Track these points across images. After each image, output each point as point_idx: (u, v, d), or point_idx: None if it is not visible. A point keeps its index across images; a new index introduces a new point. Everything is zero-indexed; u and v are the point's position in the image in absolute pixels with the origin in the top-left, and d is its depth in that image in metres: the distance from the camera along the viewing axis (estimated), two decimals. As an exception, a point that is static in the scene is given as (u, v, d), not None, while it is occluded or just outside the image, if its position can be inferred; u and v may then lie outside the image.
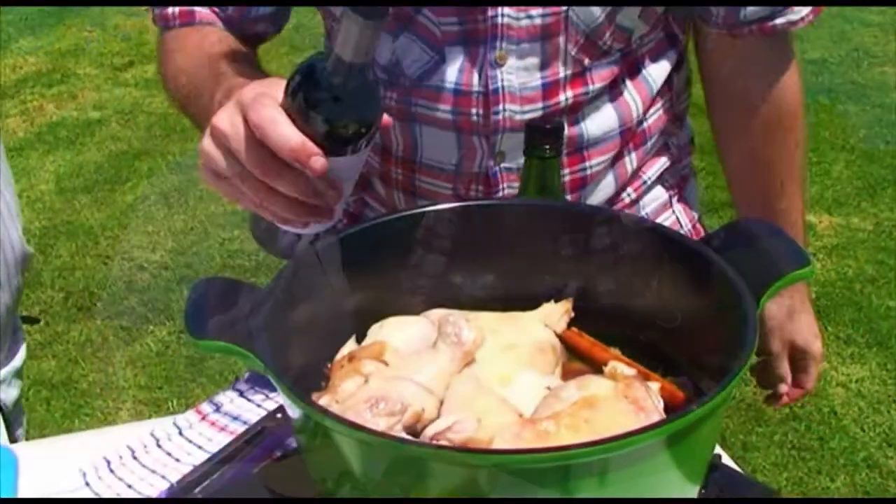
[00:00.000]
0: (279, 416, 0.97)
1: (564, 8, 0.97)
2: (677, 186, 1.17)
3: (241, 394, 1.05)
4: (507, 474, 0.62)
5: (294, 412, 0.70)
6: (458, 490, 0.63)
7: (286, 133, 0.71)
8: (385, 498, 0.67)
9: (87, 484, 0.94)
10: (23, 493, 0.93)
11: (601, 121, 1.05)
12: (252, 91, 0.74)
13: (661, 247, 0.81)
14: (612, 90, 1.04)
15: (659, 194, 1.16)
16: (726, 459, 0.89)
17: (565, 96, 1.02)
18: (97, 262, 3.05)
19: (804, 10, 1.02)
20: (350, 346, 0.83)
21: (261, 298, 0.74)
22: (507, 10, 0.97)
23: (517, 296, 0.87)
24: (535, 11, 0.97)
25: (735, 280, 0.74)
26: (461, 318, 0.78)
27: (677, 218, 1.16)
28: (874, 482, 2.21)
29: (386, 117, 0.76)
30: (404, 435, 0.71)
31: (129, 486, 0.93)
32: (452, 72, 1.00)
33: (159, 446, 0.98)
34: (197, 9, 1.05)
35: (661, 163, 1.14)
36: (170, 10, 1.06)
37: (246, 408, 1.02)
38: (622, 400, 0.71)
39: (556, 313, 0.85)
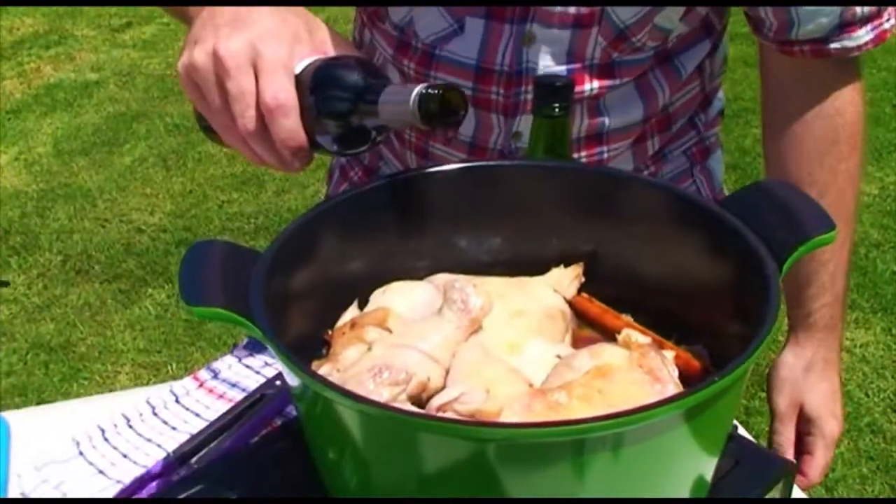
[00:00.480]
0: (278, 382, 0.94)
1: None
2: (700, 155, 1.11)
3: (240, 360, 1.02)
4: (518, 448, 0.59)
5: (293, 381, 0.67)
6: (465, 463, 0.60)
7: (292, 129, 0.72)
8: (389, 471, 0.64)
9: (81, 453, 0.91)
10: (15, 463, 0.90)
11: (625, 110, 1.00)
12: (275, 41, 0.71)
13: (675, 208, 0.78)
14: (640, 78, 0.99)
15: (680, 163, 1.10)
16: (740, 429, 0.86)
17: (591, 86, 0.97)
18: (95, 224, 3.01)
19: (863, 37, 0.93)
20: (352, 312, 0.80)
21: (259, 263, 0.71)
22: None
23: (525, 260, 0.84)
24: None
25: (755, 243, 0.70)
26: (468, 283, 0.74)
27: (697, 188, 1.11)
28: (878, 447, 2.19)
29: None
30: (409, 406, 0.68)
31: (125, 455, 0.91)
32: (471, 46, 0.95)
33: (155, 414, 0.95)
34: None
35: (685, 139, 1.09)
36: None
37: (244, 374, 1.00)
38: (637, 369, 0.68)
39: (565, 278, 0.82)
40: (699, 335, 0.77)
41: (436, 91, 0.68)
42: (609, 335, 0.77)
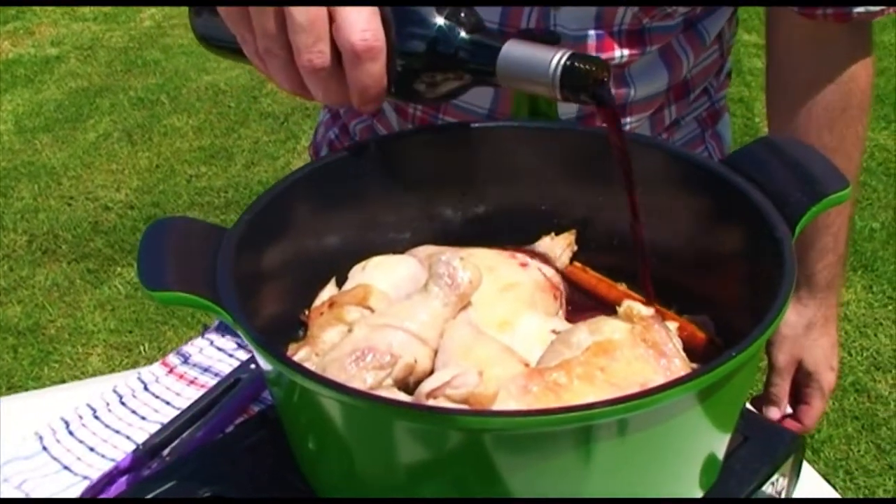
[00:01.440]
0: (253, 366, 0.89)
1: None
2: (710, 119, 1.08)
3: (212, 343, 0.97)
4: (517, 438, 0.54)
5: (268, 368, 0.62)
6: (458, 454, 0.55)
7: (377, 75, 0.64)
8: (375, 464, 0.59)
9: (45, 448, 0.85)
10: (-28, 461, 0.84)
11: (651, 79, 0.95)
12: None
13: (675, 168, 0.73)
14: (664, 45, 0.94)
15: (691, 129, 1.06)
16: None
17: (620, 53, 0.91)
18: (61, 203, 2.93)
19: None
20: (330, 290, 0.75)
21: (226, 240, 0.65)
22: None
23: (513, 228, 0.79)
24: None
25: (764, 204, 0.65)
26: (454, 255, 0.69)
27: (710, 153, 1.07)
28: (862, 406, 2.17)
29: None
30: (395, 392, 0.63)
31: (91, 449, 0.85)
32: (492, 8, 0.89)
33: (123, 403, 0.90)
34: None
35: (699, 104, 1.05)
36: None
37: (217, 357, 0.94)
38: (640, 344, 0.63)
39: (557, 247, 0.77)
40: (702, 305, 0.72)
41: (584, 66, 0.64)
42: (605, 306, 0.73)
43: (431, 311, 0.67)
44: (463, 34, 0.67)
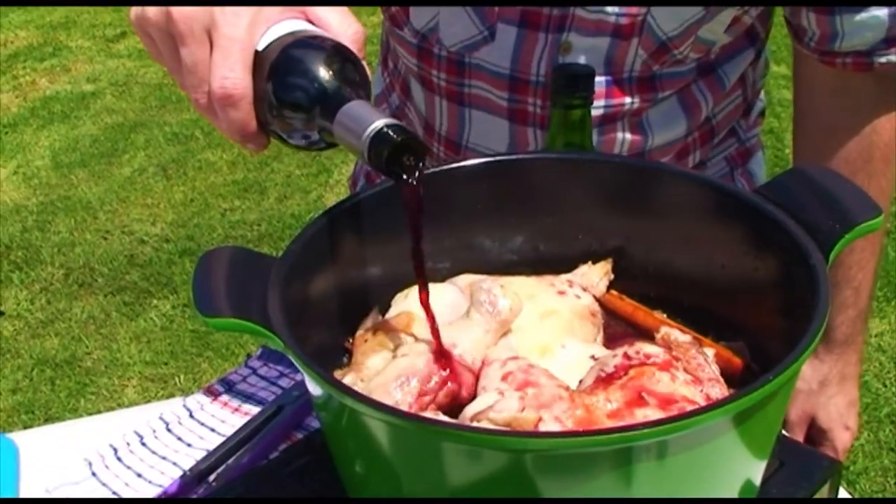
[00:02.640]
0: (296, 393, 0.91)
1: (643, 11, 0.87)
2: (740, 158, 1.07)
3: (255, 371, 0.98)
4: (558, 459, 0.55)
5: (316, 391, 0.64)
6: (501, 475, 0.57)
7: (240, 120, 0.65)
8: (419, 485, 0.60)
9: (94, 474, 0.88)
10: (25, 486, 0.87)
11: (669, 126, 0.95)
12: (233, 12, 0.63)
13: (709, 198, 0.75)
14: (682, 91, 0.95)
15: (719, 168, 1.05)
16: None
17: (631, 100, 0.92)
18: (96, 236, 2.98)
19: None
20: (373, 318, 0.77)
21: (275, 268, 0.67)
22: None
23: (551, 258, 0.81)
24: (612, 9, 0.88)
25: (797, 232, 0.67)
26: (495, 283, 0.71)
27: None
28: (899, 438, 2.16)
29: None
30: (441, 416, 0.64)
31: (139, 475, 0.87)
32: (504, 54, 0.91)
33: (169, 430, 0.92)
34: None
35: (726, 145, 1.04)
36: None
37: (260, 385, 0.96)
38: (678, 370, 0.65)
39: (594, 275, 0.79)
40: (738, 332, 0.73)
41: (395, 135, 0.61)
42: (642, 333, 0.74)
43: (473, 337, 0.69)
44: (323, 77, 0.64)
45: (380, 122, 0.61)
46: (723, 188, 0.75)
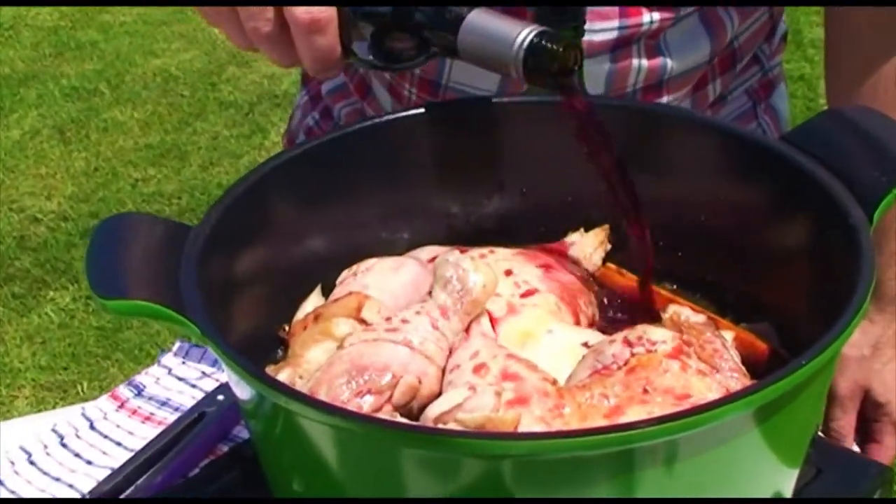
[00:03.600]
0: (221, 397, 0.91)
1: None
2: (763, 91, 1.09)
3: (170, 371, 0.98)
4: (544, 466, 0.55)
5: (244, 393, 0.63)
6: (475, 487, 0.56)
7: (327, 48, 0.72)
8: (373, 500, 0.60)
9: (-30, 500, 0.86)
10: None
11: (690, 49, 0.97)
12: None
13: (726, 148, 0.75)
14: (705, 8, 0.96)
15: (741, 104, 1.07)
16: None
17: (650, 18, 0.93)
18: (-21, 214, 2.95)
19: None
20: (314, 300, 0.77)
21: (192, 240, 0.67)
22: None
23: (533, 225, 0.81)
24: None
25: (835, 187, 0.67)
26: (464, 256, 0.71)
27: (764, 131, 1.08)
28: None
29: None
30: (398, 418, 0.64)
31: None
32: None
33: (64, 445, 0.91)
34: None
35: (749, 75, 1.06)
36: None
37: (177, 389, 0.96)
38: (690, 357, 0.65)
39: (587, 245, 0.79)
40: (762, 310, 0.74)
41: (553, 45, 0.67)
42: (648, 314, 0.75)
43: (438, 323, 0.69)
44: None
45: (527, 31, 0.68)
46: (743, 134, 0.76)
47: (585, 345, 0.70)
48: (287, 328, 0.75)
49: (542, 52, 0.67)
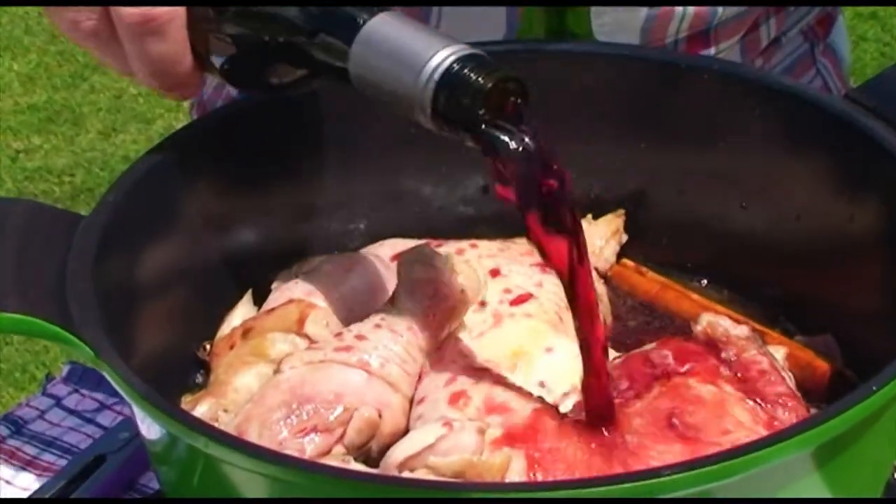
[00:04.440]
0: (125, 436, 0.90)
1: None
2: (820, 28, 1.10)
3: (59, 402, 0.98)
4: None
5: (153, 432, 0.64)
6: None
7: (169, 54, 0.69)
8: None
9: None
10: None
11: None
12: None
13: (775, 111, 0.75)
14: None
15: (796, 46, 1.08)
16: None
17: None
18: None
19: None
20: (244, 311, 0.77)
21: (79, 235, 0.67)
22: None
23: None
24: None
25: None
26: (438, 252, 0.72)
27: (824, 81, 1.10)
28: None
29: None
30: (353, 464, 0.64)
31: None
32: None
33: (-79, 499, 0.91)
34: None
35: (803, 11, 1.07)
36: None
37: (68, 424, 0.96)
38: (729, 381, 0.66)
39: (597, 236, 0.80)
40: (823, 319, 0.75)
41: (480, 76, 0.60)
42: (674, 325, 0.76)
43: (403, 340, 0.69)
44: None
45: (446, 52, 0.61)
46: (797, 92, 0.76)
47: (594, 365, 0.70)
48: (208, 347, 0.76)
49: (459, 87, 0.60)
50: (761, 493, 0.57)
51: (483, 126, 0.61)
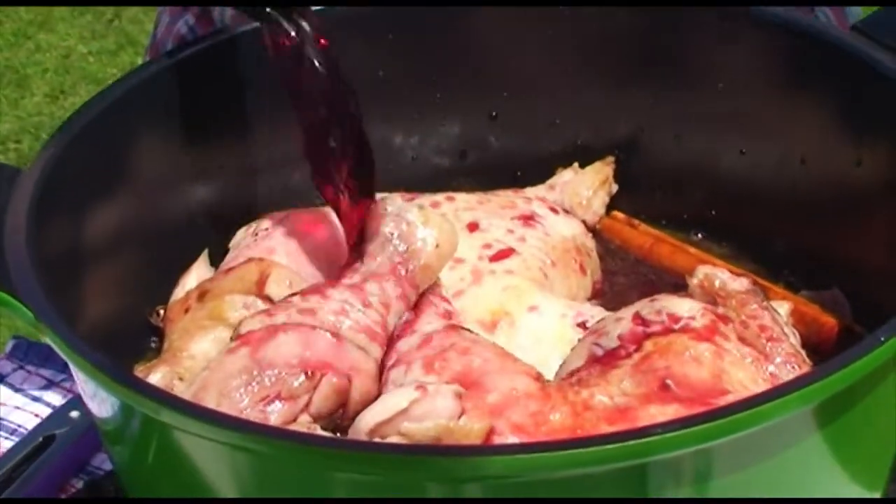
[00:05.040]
0: (75, 414, 0.91)
1: None
2: None
3: (3, 379, 0.98)
4: (525, 489, 0.56)
5: (103, 406, 0.64)
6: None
7: None
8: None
9: None
10: None
11: None
12: None
13: (776, 48, 0.76)
14: None
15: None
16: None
17: None
18: None
19: None
20: (199, 272, 0.77)
21: (21, 191, 0.67)
22: None
23: (509, 160, 0.83)
24: None
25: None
26: (410, 205, 0.71)
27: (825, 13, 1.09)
28: None
29: None
30: (319, 431, 0.65)
31: None
32: None
33: None
34: None
35: None
36: None
37: (14, 403, 0.96)
38: (728, 337, 0.65)
39: (584, 186, 0.81)
40: (830, 272, 0.75)
41: None
42: (668, 279, 0.76)
43: (374, 300, 0.69)
44: None
45: None
46: (798, 25, 0.76)
47: (582, 325, 0.71)
48: (162, 312, 0.76)
49: None
50: (760, 455, 0.57)
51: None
